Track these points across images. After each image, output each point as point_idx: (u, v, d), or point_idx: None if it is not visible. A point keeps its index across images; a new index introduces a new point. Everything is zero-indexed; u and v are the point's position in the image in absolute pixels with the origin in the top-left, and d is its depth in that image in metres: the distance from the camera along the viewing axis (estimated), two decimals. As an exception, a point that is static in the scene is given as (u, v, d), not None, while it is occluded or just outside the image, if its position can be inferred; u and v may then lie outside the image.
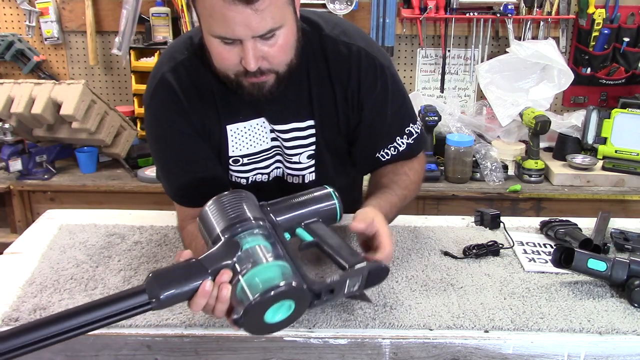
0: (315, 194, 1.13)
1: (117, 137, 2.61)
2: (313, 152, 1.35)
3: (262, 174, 1.37)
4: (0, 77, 2.89)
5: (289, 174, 1.38)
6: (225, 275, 0.93)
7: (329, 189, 1.14)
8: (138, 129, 2.79)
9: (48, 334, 0.82)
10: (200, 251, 0.98)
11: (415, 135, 1.38)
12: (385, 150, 1.36)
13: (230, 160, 1.33)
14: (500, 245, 1.35)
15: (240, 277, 0.93)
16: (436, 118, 2.51)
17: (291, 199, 1.11)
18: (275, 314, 0.93)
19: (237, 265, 0.94)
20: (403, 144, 1.36)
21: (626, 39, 2.84)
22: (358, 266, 1.01)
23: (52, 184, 2.53)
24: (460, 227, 1.49)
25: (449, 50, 2.92)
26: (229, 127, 1.29)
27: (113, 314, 0.86)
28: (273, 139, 1.33)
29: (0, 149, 2.50)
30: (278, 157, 1.36)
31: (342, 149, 1.38)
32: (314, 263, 1.26)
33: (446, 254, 1.34)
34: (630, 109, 2.63)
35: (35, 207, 2.55)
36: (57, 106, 2.44)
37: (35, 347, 0.82)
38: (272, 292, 0.89)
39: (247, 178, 1.36)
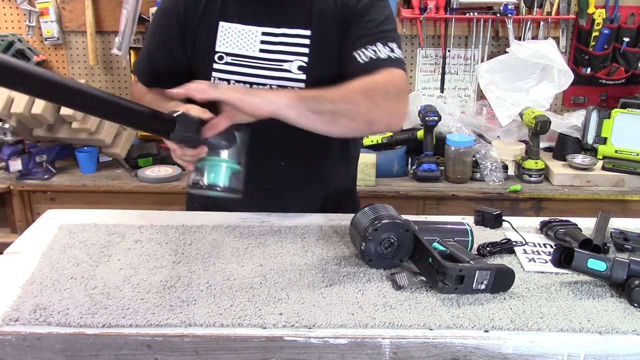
0: (454, 226, 1.37)
1: (117, 137, 2.61)
2: (305, 64, 1.39)
3: (244, 82, 1.42)
4: (0, 77, 2.89)
5: (278, 85, 1.41)
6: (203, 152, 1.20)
7: (466, 226, 1.35)
8: (138, 129, 2.79)
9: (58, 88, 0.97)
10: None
11: (397, 55, 1.36)
12: (363, 50, 1.34)
13: (216, 57, 1.42)
14: (514, 243, 1.36)
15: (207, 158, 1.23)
16: (436, 118, 2.51)
17: (433, 223, 1.37)
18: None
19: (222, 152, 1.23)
20: (383, 52, 1.34)
21: (626, 39, 2.84)
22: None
23: (52, 184, 2.53)
24: (460, 227, 1.49)
25: (449, 50, 2.92)
26: (221, 24, 1.42)
27: (141, 119, 1.10)
28: (262, 50, 1.40)
29: (0, 149, 2.50)
30: (266, 72, 1.41)
31: (334, 70, 1.40)
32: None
33: (446, 253, 1.34)
34: (630, 109, 2.63)
35: (35, 207, 2.56)
36: (57, 106, 2.44)
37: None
38: (215, 189, 1.24)
39: (228, 82, 1.42)
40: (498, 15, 2.82)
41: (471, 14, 2.83)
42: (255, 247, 1.34)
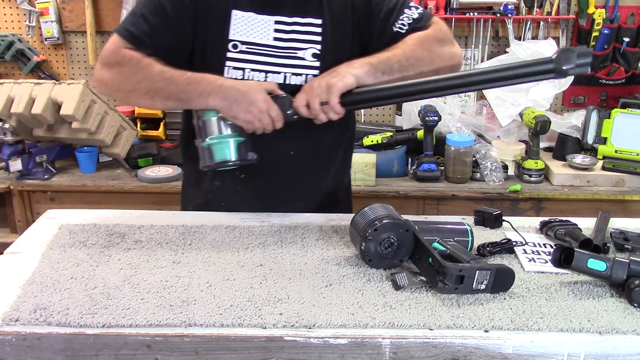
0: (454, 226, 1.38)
1: (117, 137, 2.61)
2: (319, 51, 1.45)
3: (259, 70, 1.44)
4: (0, 77, 2.89)
5: (293, 73, 1.45)
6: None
7: (466, 226, 1.36)
8: (138, 129, 2.79)
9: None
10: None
11: (421, 8, 1.52)
12: (399, 22, 1.47)
13: (230, 45, 1.43)
14: (514, 243, 1.36)
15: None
16: (436, 118, 2.51)
17: (433, 223, 1.39)
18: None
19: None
20: (414, 13, 1.49)
21: (626, 39, 2.84)
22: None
23: (52, 184, 2.53)
24: (460, 227, 1.48)
25: (449, 50, 2.91)
26: (234, 12, 1.43)
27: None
28: (276, 39, 1.44)
29: (0, 149, 2.50)
30: (280, 60, 1.44)
31: (346, 54, 1.45)
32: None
33: (446, 253, 1.34)
34: (630, 109, 2.63)
35: (35, 207, 2.55)
36: (57, 106, 2.44)
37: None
38: (227, 165, 1.38)
39: (243, 70, 1.44)
40: (498, 15, 2.82)
41: (471, 14, 2.83)
42: (255, 247, 1.34)
